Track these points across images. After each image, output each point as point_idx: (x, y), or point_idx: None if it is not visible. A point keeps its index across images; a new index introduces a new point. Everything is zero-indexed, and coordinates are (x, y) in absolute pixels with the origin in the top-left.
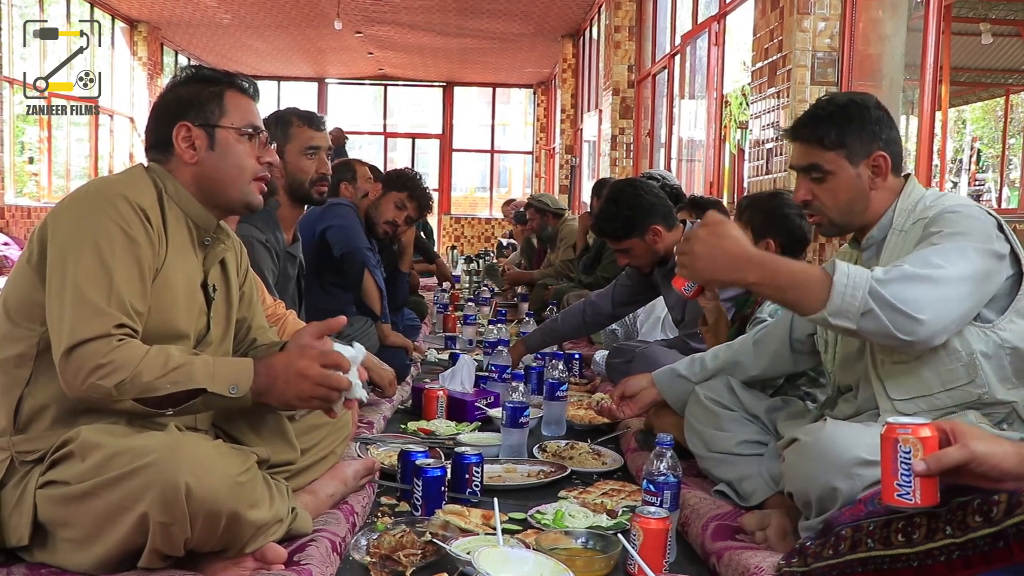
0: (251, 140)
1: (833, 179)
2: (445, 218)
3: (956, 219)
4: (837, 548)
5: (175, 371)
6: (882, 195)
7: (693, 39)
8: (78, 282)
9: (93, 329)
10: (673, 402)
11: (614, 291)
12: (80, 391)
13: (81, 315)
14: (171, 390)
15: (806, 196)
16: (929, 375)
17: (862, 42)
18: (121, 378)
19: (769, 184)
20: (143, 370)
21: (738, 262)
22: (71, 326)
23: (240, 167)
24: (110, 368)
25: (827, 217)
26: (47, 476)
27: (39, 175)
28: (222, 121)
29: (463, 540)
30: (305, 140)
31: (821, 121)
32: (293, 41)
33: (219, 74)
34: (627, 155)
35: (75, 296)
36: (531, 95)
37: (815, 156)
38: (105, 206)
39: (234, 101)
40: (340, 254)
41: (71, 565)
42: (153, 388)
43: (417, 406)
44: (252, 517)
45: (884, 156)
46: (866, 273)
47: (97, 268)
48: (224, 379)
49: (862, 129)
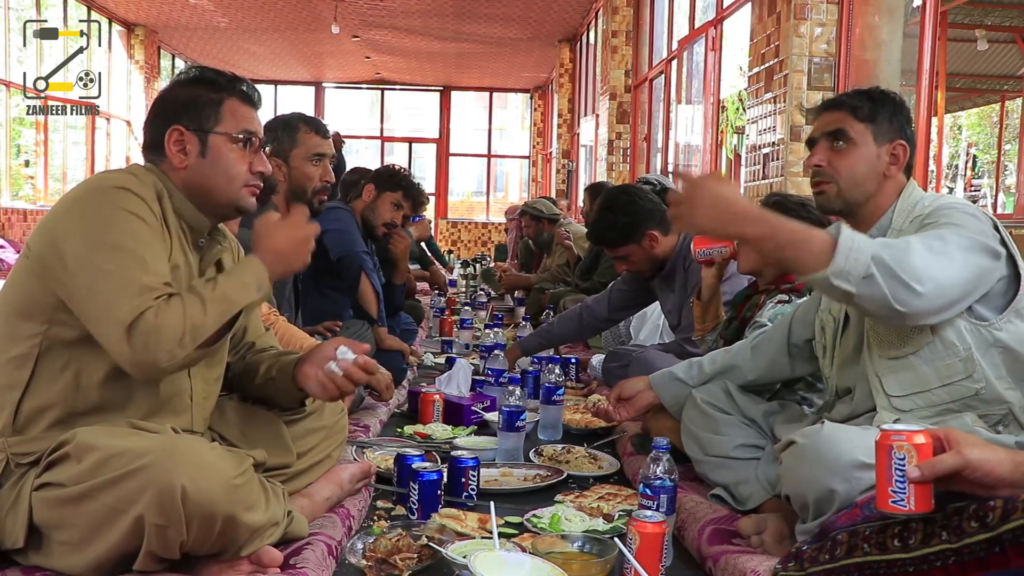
0: (244, 147)
1: (855, 149)
2: (442, 222)
3: (953, 213)
4: (833, 553)
5: (215, 304)
6: (889, 187)
7: (690, 44)
8: (111, 270)
9: (140, 304)
10: (670, 405)
11: (610, 295)
12: (153, 368)
13: (125, 296)
14: (219, 323)
15: (821, 161)
16: (927, 370)
17: (858, 48)
18: (178, 333)
19: (766, 189)
20: (191, 313)
21: (739, 214)
22: (118, 307)
23: (229, 175)
24: (165, 332)
25: (836, 186)
26: (43, 478)
27: (35, 178)
28: (217, 128)
29: (459, 544)
30: (312, 147)
31: (859, 95)
32: (290, 45)
33: (222, 79)
34: (624, 160)
35: (114, 283)
36: (528, 100)
37: (844, 122)
38: (110, 198)
39: (232, 108)
40: (337, 258)
41: (66, 568)
42: (205, 327)
43: (413, 410)
44: (248, 520)
45: (904, 147)
46: (871, 240)
47: (124, 254)
48: (250, 287)
49: (893, 115)
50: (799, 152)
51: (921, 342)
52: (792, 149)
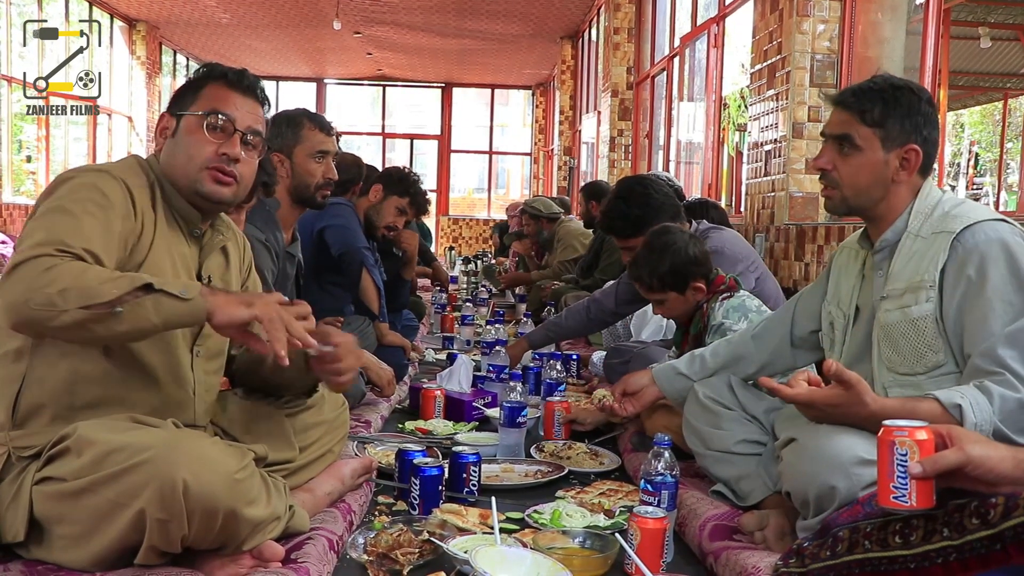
0: (214, 130)
1: (860, 156)
2: (443, 219)
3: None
4: (834, 549)
5: (122, 278)
6: (902, 191)
7: (692, 41)
8: (43, 224)
9: (40, 251)
10: (673, 399)
11: (617, 289)
12: (20, 308)
13: (34, 243)
14: (117, 293)
15: (827, 165)
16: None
17: (861, 45)
18: (63, 286)
19: (768, 186)
20: (89, 276)
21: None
22: (19, 252)
23: (189, 154)
24: (50, 277)
25: (841, 193)
26: (43, 472)
27: (36, 174)
28: (190, 108)
29: (460, 539)
30: (315, 144)
31: (870, 95)
32: (292, 41)
33: (218, 69)
34: (625, 157)
35: (35, 231)
36: (530, 96)
37: (851, 127)
38: (89, 176)
39: (212, 92)
40: (338, 254)
41: (67, 562)
42: (99, 293)
43: (415, 406)
44: (249, 514)
45: (917, 151)
46: (988, 411)
47: (64, 216)
48: (174, 284)
49: (906, 117)
50: (801, 149)
51: (934, 365)
52: (794, 146)
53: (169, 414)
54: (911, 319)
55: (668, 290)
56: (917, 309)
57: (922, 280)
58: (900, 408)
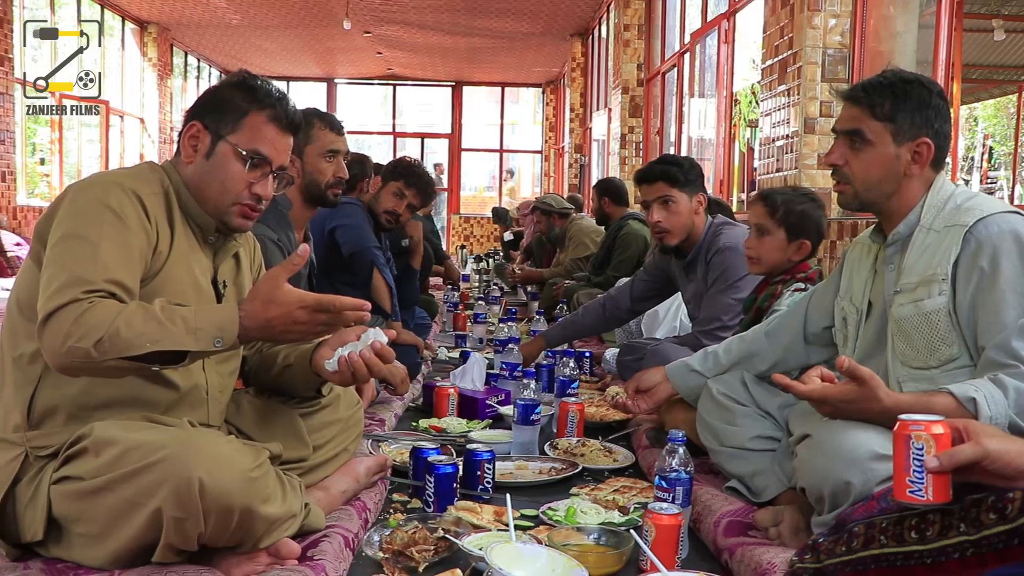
0: (252, 169)
1: (871, 151)
2: (454, 217)
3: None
4: (850, 545)
5: (155, 328)
6: (914, 185)
7: (703, 37)
8: (63, 258)
9: (68, 296)
10: (687, 396)
11: (633, 286)
12: (62, 358)
13: (59, 286)
14: (151, 349)
15: (838, 160)
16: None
17: (873, 39)
18: (98, 337)
19: (780, 182)
20: (120, 327)
21: (883, 417)
22: (47, 298)
23: (224, 187)
24: (84, 328)
25: (853, 188)
26: (61, 472)
27: (50, 176)
28: (230, 136)
29: (475, 536)
30: (326, 143)
31: (880, 89)
32: (302, 41)
33: (262, 92)
34: (636, 153)
35: (57, 271)
36: (540, 94)
37: (861, 122)
38: (99, 192)
39: (255, 123)
40: (349, 253)
41: (86, 560)
42: (132, 346)
43: (428, 404)
44: (265, 512)
45: (928, 144)
46: (1003, 404)
47: (82, 245)
48: (207, 334)
49: (917, 111)
50: (813, 144)
51: (947, 359)
52: (806, 141)
53: (183, 415)
54: (924, 313)
55: (782, 227)
56: (930, 303)
57: (935, 273)
58: (914, 403)
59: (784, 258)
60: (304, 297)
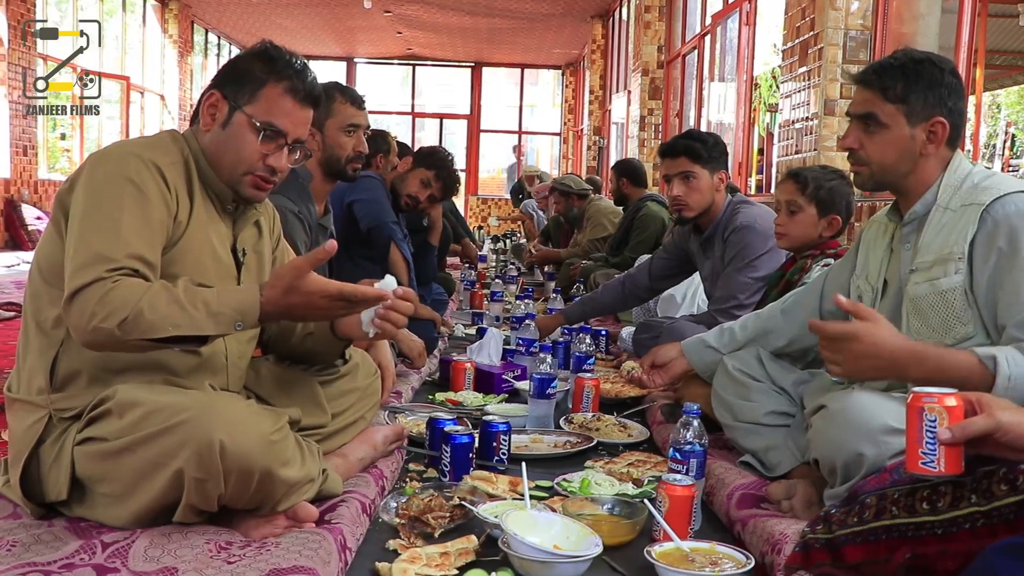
0: (266, 141)
1: (886, 133)
2: (472, 199)
3: None
4: (862, 516)
5: (177, 312)
6: (930, 164)
7: (724, 19)
8: (85, 235)
9: (92, 274)
10: (702, 371)
11: (651, 265)
12: (87, 335)
13: (83, 263)
14: (173, 332)
15: (853, 144)
16: None
17: (895, 21)
18: (122, 317)
19: (799, 163)
20: (144, 308)
21: (900, 362)
22: (72, 275)
23: (238, 157)
24: (109, 308)
25: (869, 170)
26: (85, 433)
27: (71, 151)
28: (246, 107)
29: (491, 504)
30: (347, 117)
31: (891, 71)
32: (322, 20)
33: (281, 62)
34: (655, 136)
35: (81, 247)
36: (560, 76)
37: (874, 105)
38: (119, 163)
39: (272, 94)
40: (366, 228)
41: (109, 519)
42: (155, 328)
43: (445, 378)
44: (284, 475)
45: (943, 123)
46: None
47: (103, 219)
48: (227, 318)
49: (929, 91)
50: (833, 127)
51: (962, 337)
52: (826, 123)
53: (203, 380)
54: (940, 291)
55: (813, 202)
56: (946, 281)
57: (951, 252)
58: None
59: (815, 234)
60: (326, 286)
